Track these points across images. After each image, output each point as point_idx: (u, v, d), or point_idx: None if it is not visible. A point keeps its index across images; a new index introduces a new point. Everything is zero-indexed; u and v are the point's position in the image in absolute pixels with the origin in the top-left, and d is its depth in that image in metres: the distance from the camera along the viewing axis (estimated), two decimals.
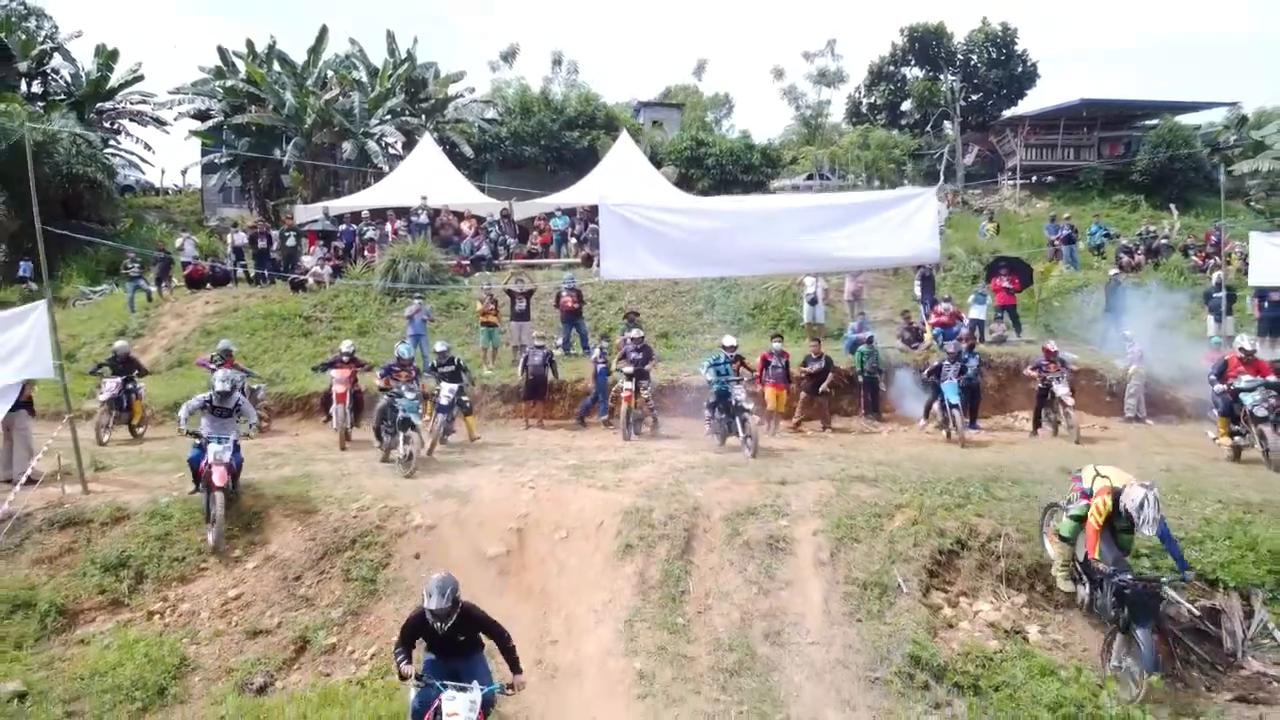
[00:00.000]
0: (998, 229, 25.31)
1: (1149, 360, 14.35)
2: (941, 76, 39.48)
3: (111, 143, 37.45)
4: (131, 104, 39.04)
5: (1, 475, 10.85)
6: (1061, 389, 13.20)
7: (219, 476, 8.98)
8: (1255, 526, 8.20)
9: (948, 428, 13.01)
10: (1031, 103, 40.04)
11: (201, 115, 37.22)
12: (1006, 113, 40.23)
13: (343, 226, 22.41)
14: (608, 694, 6.90)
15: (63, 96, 37.07)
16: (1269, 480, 9.76)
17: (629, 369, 13.34)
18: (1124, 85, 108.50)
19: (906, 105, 40.20)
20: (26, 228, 29.88)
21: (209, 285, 21.55)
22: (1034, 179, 37.91)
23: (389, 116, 33.56)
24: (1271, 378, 10.86)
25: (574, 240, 22.49)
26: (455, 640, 5.71)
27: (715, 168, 33.45)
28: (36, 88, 37.99)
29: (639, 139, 36.23)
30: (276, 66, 36.04)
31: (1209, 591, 7.57)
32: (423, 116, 34.71)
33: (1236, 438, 11.06)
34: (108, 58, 38.38)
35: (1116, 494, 6.91)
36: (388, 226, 21.68)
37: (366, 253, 21.04)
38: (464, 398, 13.14)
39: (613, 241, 11.07)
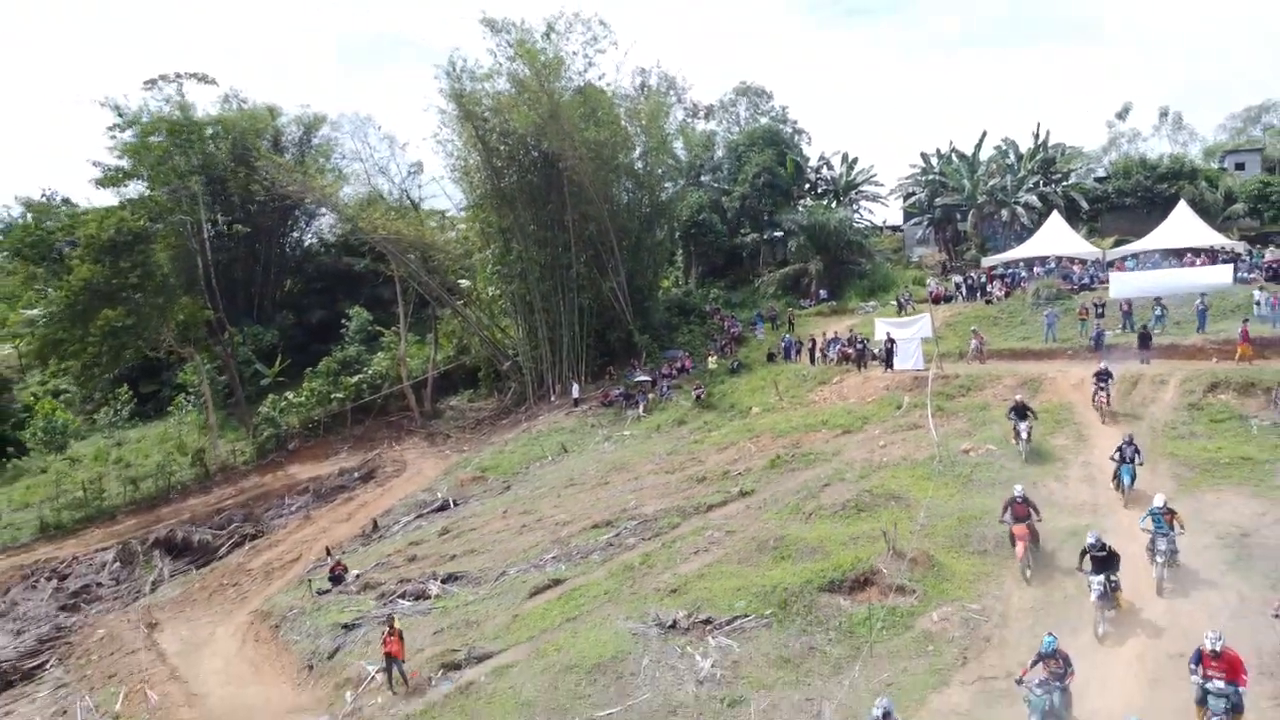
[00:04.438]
0: None
1: None
2: None
3: (855, 214, 66.41)
4: (866, 188, 67.79)
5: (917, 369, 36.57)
6: None
7: None
8: None
9: None
10: None
11: (908, 195, 64.23)
12: None
13: (1009, 270, 45.60)
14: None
15: (829, 190, 67.23)
16: None
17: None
18: None
19: None
20: (825, 271, 59.37)
21: (941, 302, 46.52)
22: None
23: (1029, 188, 55.68)
24: (1241, 686, 11.70)
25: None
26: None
27: None
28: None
29: (1216, 184, 52.33)
30: (955, 160, 60.98)
31: None
32: (1052, 185, 56.00)
33: None
34: (851, 163, 67.75)
35: None
36: (1034, 269, 44.35)
37: (1022, 283, 43.90)
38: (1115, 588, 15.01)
39: (1119, 284, 32.95)
